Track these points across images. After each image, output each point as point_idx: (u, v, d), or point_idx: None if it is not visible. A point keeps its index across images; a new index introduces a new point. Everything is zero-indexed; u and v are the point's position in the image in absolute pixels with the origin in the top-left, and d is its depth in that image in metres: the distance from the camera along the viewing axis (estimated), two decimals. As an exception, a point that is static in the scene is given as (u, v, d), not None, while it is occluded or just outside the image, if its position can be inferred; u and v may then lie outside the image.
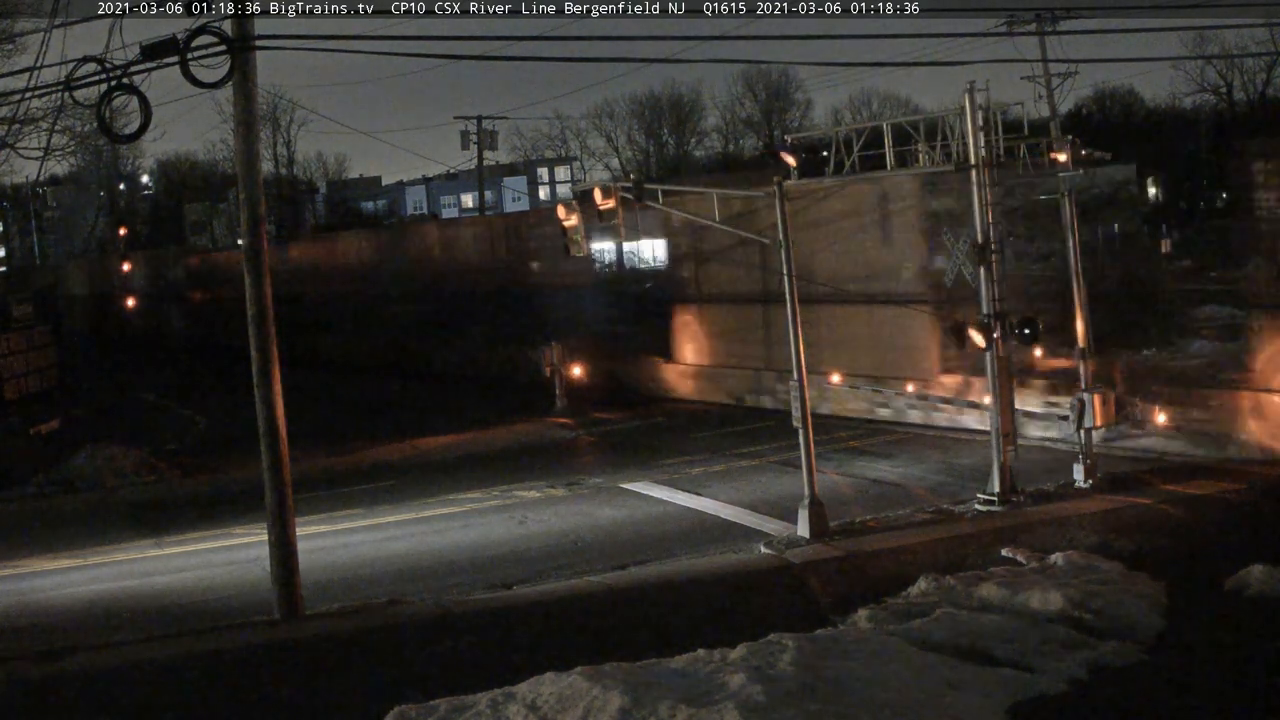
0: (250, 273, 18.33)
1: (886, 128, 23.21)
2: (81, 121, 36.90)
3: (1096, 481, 22.43)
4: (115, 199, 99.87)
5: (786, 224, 21.42)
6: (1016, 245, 30.79)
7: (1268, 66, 78.59)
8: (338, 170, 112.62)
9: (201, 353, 66.32)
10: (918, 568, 18.50)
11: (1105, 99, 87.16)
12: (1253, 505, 20.83)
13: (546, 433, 34.24)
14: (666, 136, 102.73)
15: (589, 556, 21.02)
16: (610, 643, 16.23)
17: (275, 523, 18.31)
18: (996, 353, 21.90)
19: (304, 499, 22.60)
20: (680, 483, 26.23)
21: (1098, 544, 19.38)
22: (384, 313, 54.41)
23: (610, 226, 23.46)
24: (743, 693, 13.37)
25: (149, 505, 28.65)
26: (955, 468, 25.50)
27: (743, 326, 35.01)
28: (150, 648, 17.19)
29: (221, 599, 19.95)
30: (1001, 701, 13.70)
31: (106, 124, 17.97)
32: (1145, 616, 16.27)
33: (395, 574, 20.76)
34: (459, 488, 27.48)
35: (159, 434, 38.21)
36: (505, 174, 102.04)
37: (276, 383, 18.36)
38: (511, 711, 13.67)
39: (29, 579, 22.50)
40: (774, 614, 17.16)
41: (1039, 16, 47.09)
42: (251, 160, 18.41)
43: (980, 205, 21.96)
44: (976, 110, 21.71)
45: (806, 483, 20.83)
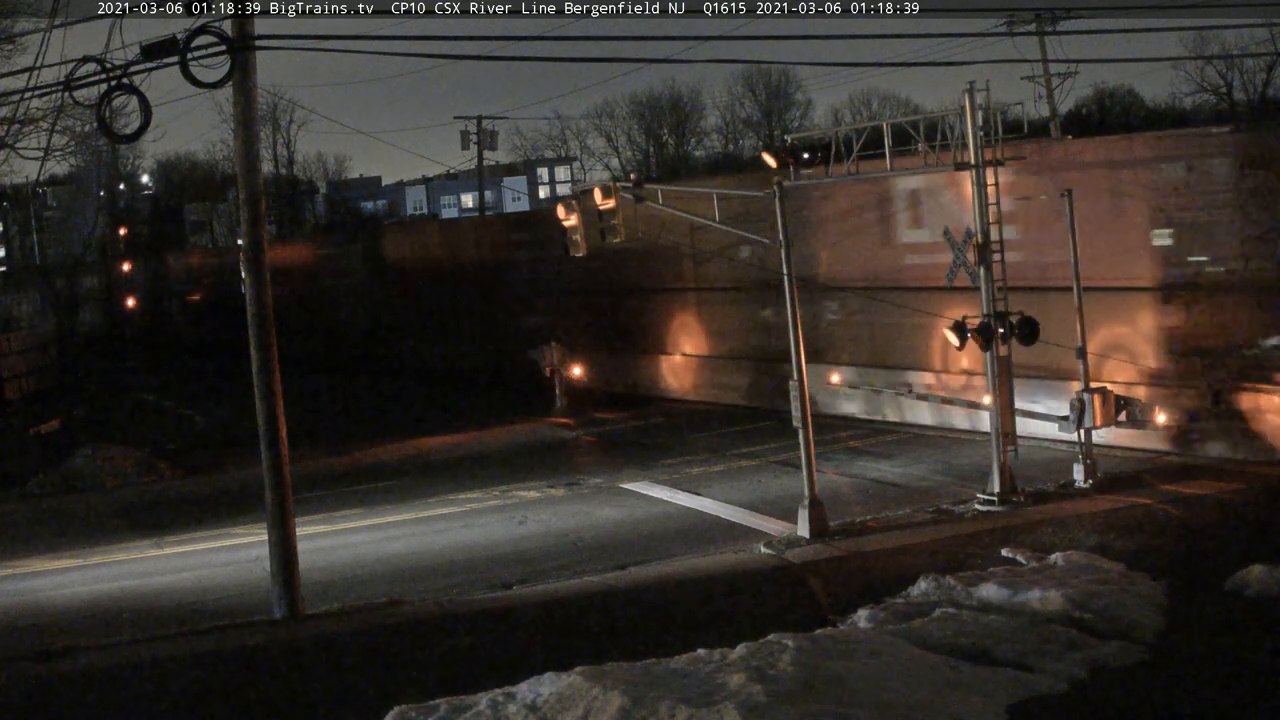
0: (250, 273, 18.34)
1: (886, 128, 23.22)
2: (81, 121, 36.98)
3: (1096, 481, 22.44)
4: (115, 199, 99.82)
5: (786, 224, 21.42)
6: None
7: (1268, 66, 78.62)
8: (338, 170, 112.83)
9: (202, 352, 66.38)
10: (918, 568, 18.50)
11: (1105, 99, 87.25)
12: (1253, 505, 20.83)
13: (546, 432, 34.24)
14: (666, 136, 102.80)
15: (589, 556, 21.02)
16: (610, 643, 16.24)
17: (275, 523, 18.31)
18: (996, 352, 21.92)
19: (304, 499, 22.62)
20: (680, 482, 26.23)
21: (1098, 544, 19.38)
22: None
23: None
24: (743, 693, 13.37)
25: (149, 505, 28.65)
26: (955, 467, 25.49)
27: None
28: (150, 648, 17.20)
29: (221, 599, 19.95)
30: (1001, 701, 13.70)
31: (106, 124, 17.98)
32: (1145, 616, 16.26)
33: (395, 574, 20.76)
34: (459, 488, 27.49)
35: (159, 434, 38.23)
36: (505, 174, 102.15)
37: (277, 382, 18.37)
38: (511, 711, 13.67)
39: (29, 579, 22.50)
40: (774, 614, 17.16)
41: (1039, 16, 47.24)
42: (251, 160, 18.41)
43: (980, 205, 21.96)
44: (976, 110, 21.72)
45: (806, 482, 20.83)
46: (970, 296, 23.23)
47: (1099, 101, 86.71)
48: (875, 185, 28.99)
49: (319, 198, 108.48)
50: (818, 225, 31.72)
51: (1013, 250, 23.00)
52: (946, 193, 27.77)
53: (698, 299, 37.18)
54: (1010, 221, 23.78)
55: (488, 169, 55.87)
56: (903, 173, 24.69)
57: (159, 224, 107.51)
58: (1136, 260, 24.89)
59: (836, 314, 32.20)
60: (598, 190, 24.28)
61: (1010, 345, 22.03)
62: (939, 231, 25.97)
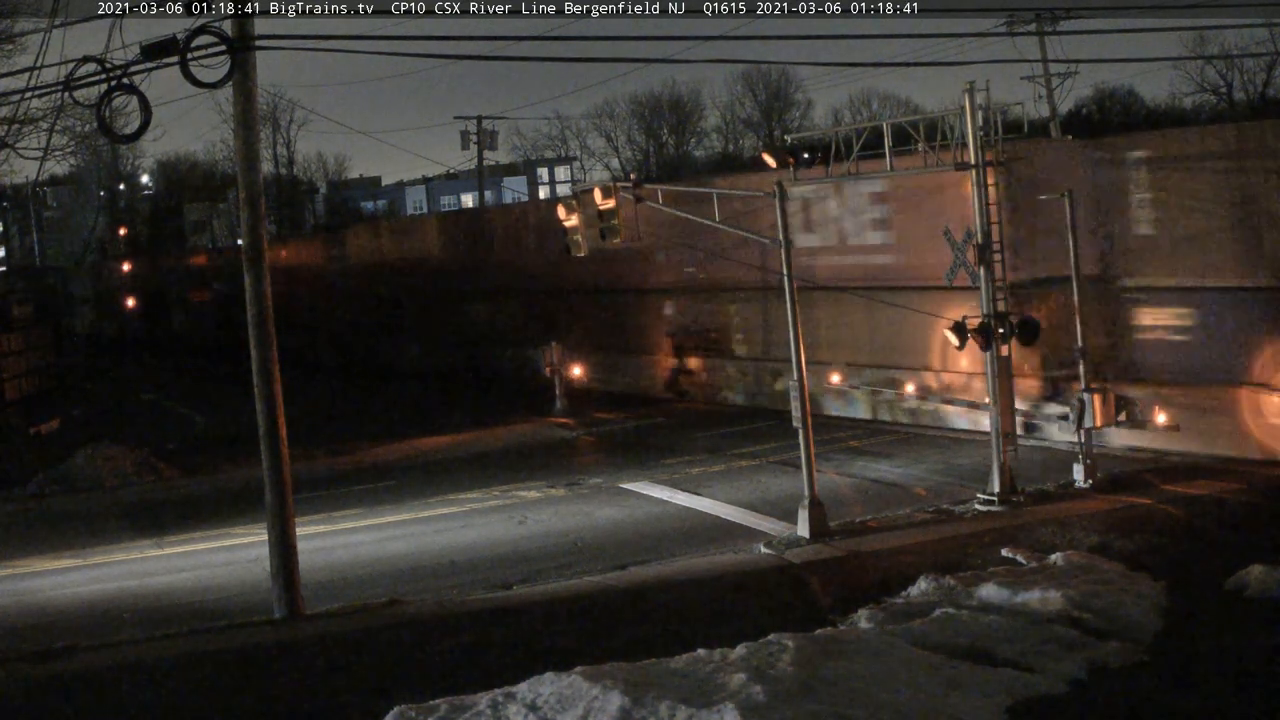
0: (250, 273, 18.34)
1: (886, 128, 23.23)
2: (81, 121, 36.98)
3: (1096, 481, 22.43)
4: (115, 199, 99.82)
5: (786, 223, 21.42)
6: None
7: (1268, 66, 78.62)
8: (338, 170, 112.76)
9: (202, 352, 66.38)
10: (918, 568, 18.48)
11: (1105, 99, 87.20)
12: (1252, 505, 20.83)
13: (546, 432, 34.24)
14: (666, 136, 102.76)
15: (589, 556, 21.02)
16: (610, 643, 16.23)
17: (275, 523, 18.31)
18: (997, 353, 21.90)
19: (304, 499, 22.62)
20: (680, 482, 26.23)
21: (1098, 544, 19.37)
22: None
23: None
24: (743, 693, 13.36)
25: (149, 505, 28.66)
26: (955, 467, 25.49)
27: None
28: (150, 648, 17.20)
29: (221, 599, 19.96)
30: (1001, 702, 13.68)
31: (106, 124, 17.98)
32: (1145, 616, 16.24)
33: (395, 574, 20.76)
34: (459, 488, 27.50)
35: (159, 434, 38.23)
36: (505, 174, 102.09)
37: (276, 382, 18.37)
38: (511, 711, 13.66)
39: (29, 579, 22.51)
40: (774, 614, 17.15)
41: (1039, 16, 47.22)
42: (251, 160, 18.41)
43: (980, 205, 21.96)
44: (976, 110, 21.72)
45: (806, 482, 20.83)
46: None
47: (1099, 101, 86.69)
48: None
49: (319, 198, 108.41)
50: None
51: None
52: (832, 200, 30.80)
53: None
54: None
55: (488, 169, 55.87)
56: (903, 173, 24.72)
57: (159, 224, 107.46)
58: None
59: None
60: (597, 190, 24.28)
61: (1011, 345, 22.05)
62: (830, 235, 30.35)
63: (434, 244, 51.34)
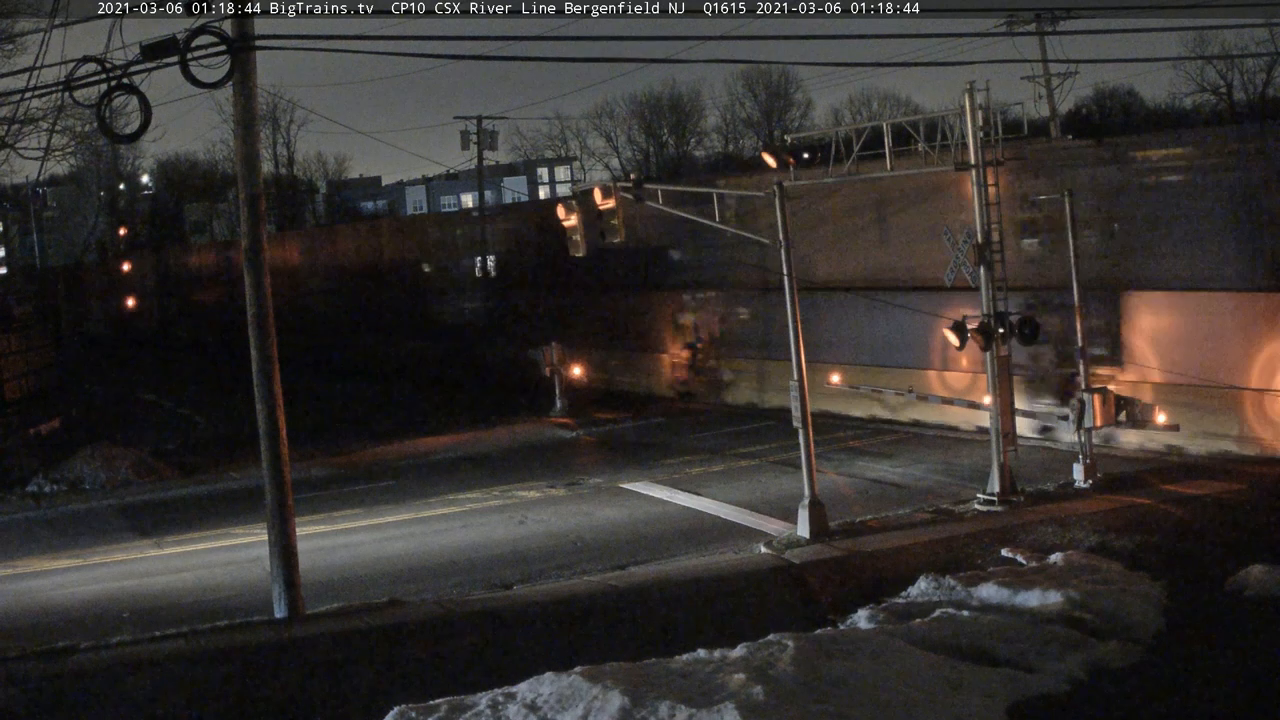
0: (250, 273, 18.31)
1: (886, 128, 23.22)
2: (81, 121, 36.97)
3: (1096, 481, 22.43)
4: (115, 199, 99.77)
5: (786, 223, 21.41)
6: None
7: (1268, 66, 78.61)
8: (338, 170, 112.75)
9: (202, 352, 66.37)
10: (918, 568, 18.49)
11: (1105, 99, 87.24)
12: (1253, 505, 20.83)
13: (546, 433, 34.24)
14: (666, 136, 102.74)
15: (589, 556, 21.02)
16: (610, 643, 16.23)
17: (275, 523, 18.30)
18: (997, 353, 21.90)
19: (304, 499, 22.62)
20: (680, 482, 26.23)
21: (1098, 544, 19.37)
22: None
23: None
24: (743, 693, 13.36)
25: (149, 505, 28.65)
26: (955, 467, 25.49)
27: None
28: (150, 647, 17.17)
29: (221, 599, 19.95)
30: (1002, 701, 13.68)
31: (106, 124, 17.97)
32: (1145, 616, 16.24)
33: (395, 574, 20.76)
34: (459, 488, 27.49)
35: (159, 434, 38.21)
36: (505, 174, 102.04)
37: (277, 383, 18.35)
38: (511, 711, 13.66)
39: (29, 579, 22.50)
40: (774, 614, 17.16)
41: (1039, 16, 47.15)
42: (251, 160, 18.40)
43: (980, 205, 21.96)
44: (976, 110, 21.72)
45: (806, 482, 20.83)
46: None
47: (1099, 101, 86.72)
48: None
49: (319, 198, 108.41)
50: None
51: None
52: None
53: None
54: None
55: (488, 169, 55.86)
56: (903, 173, 24.71)
57: (159, 224, 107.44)
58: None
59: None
60: (597, 190, 24.28)
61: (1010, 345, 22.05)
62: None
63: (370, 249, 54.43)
